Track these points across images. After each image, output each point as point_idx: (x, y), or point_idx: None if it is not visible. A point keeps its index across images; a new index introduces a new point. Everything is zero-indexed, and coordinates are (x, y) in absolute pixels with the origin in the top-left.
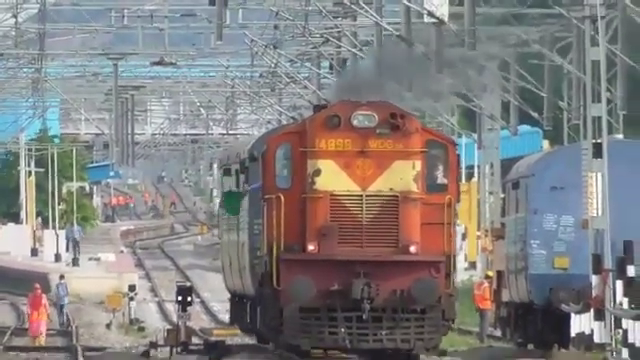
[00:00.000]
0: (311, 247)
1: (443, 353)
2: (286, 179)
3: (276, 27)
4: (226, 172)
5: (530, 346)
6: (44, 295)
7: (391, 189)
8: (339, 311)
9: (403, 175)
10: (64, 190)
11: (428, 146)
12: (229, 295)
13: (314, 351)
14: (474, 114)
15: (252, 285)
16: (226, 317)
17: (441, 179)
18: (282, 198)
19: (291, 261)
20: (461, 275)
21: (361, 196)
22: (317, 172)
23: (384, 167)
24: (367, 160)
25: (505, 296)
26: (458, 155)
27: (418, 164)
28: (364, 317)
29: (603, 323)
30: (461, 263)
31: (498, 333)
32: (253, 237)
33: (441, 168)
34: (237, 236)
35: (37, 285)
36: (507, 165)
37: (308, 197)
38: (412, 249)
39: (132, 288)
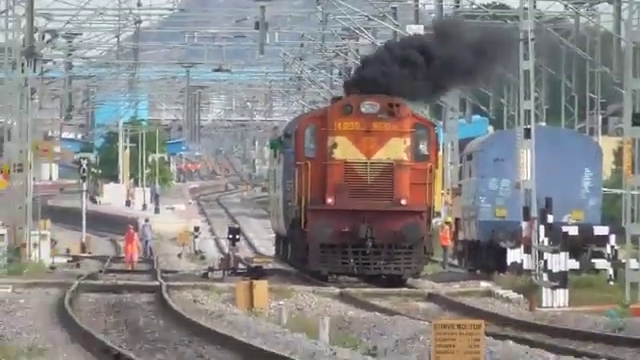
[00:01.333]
0: (329, 200)
1: (418, 276)
2: (312, 150)
3: (302, 45)
4: (273, 146)
5: (478, 272)
6: (135, 233)
7: (388, 158)
8: (349, 247)
9: (397, 148)
10: (150, 159)
11: (415, 127)
12: (270, 235)
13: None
14: (440, 107)
15: (285, 227)
16: (263, 250)
17: (424, 151)
18: (309, 164)
19: (315, 210)
20: None
21: (366, 163)
22: (334, 145)
23: (383, 142)
24: (371, 137)
25: (461, 236)
26: (437, 134)
27: (408, 140)
28: (367, 251)
29: (530, 255)
30: None
31: (456, 262)
32: (286, 193)
33: (425, 143)
34: (276, 192)
35: (130, 226)
36: (463, 143)
37: (328, 164)
38: (403, 202)
39: (196, 229)
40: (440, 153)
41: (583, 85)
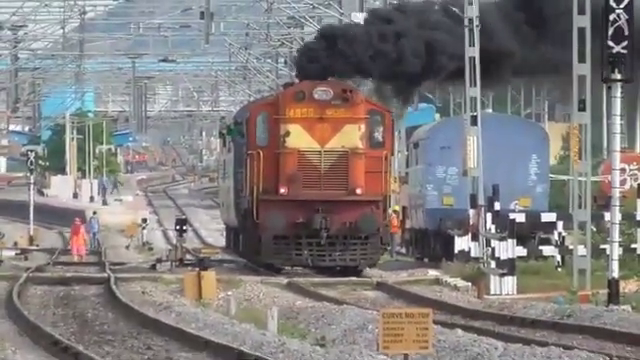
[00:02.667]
0: (282, 190)
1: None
2: (264, 139)
3: (247, 34)
4: (222, 134)
5: (426, 260)
6: (82, 225)
7: (343, 146)
8: (303, 238)
9: (351, 136)
10: (97, 151)
11: (370, 113)
12: (218, 225)
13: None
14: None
15: (236, 218)
16: (211, 241)
17: (380, 138)
18: (261, 153)
19: (267, 201)
20: None
21: (320, 152)
22: (287, 133)
23: (337, 130)
24: (325, 124)
25: (408, 224)
26: (392, 120)
27: (363, 127)
28: (322, 242)
29: (477, 243)
30: None
31: (404, 250)
32: (237, 182)
33: (380, 130)
34: (226, 182)
35: (77, 218)
36: (410, 131)
37: (280, 152)
38: (358, 191)
39: (144, 220)
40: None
41: None
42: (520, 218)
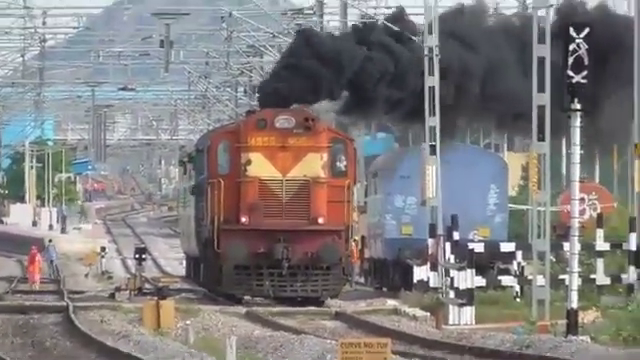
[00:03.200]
0: (244, 219)
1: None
2: (225, 167)
3: (207, 63)
4: (181, 163)
5: (384, 289)
6: (38, 253)
7: (304, 175)
8: (265, 268)
9: (313, 164)
10: (56, 179)
11: (333, 142)
12: (177, 254)
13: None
14: (345, 124)
15: (197, 247)
16: (170, 270)
17: (342, 167)
18: (222, 182)
19: (229, 230)
20: None
21: (282, 181)
22: (248, 162)
23: (299, 158)
24: (286, 153)
25: (367, 254)
26: (355, 149)
27: (325, 156)
28: (283, 273)
29: (436, 273)
30: None
31: (362, 280)
32: (198, 211)
33: (342, 159)
34: (186, 210)
35: (33, 247)
36: (369, 161)
37: (242, 181)
38: (320, 221)
39: (103, 249)
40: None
41: None
42: (479, 248)
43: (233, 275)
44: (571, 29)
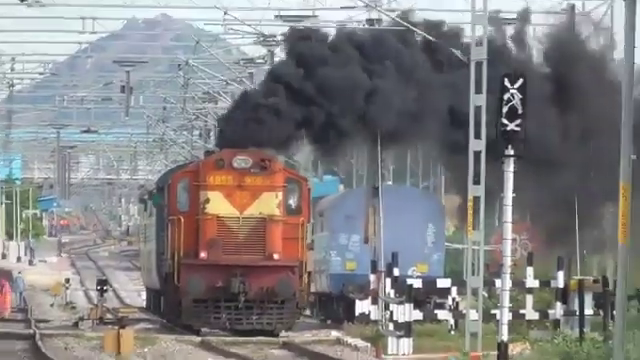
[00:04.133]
0: (202, 255)
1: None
2: (184, 205)
3: (164, 108)
4: (142, 200)
5: (329, 321)
6: (7, 284)
7: (260, 213)
8: (222, 301)
9: (269, 203)
10: (23, 215)
11: (287, 182)
12: (136, 286)
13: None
14: (294, 166)
15: (157, 281)
16: (129, 301)
17: (297, 206)
18: (182, 219)
19: (188, 265)
20: None
21: (239, 218)
22: (207, 200)
23: (255, 197)
24: (243, 192)
25: (313, 288)
26: (309, 189)
27: (280, 195)
28: (240, 306)
29: (377, 306)
30: None
31: (308, 312)
32: (159, 246)
33: (297, 197)
34: (147, 245)
35: (2, 278)
36: (316, 201)
37: (200, 218)
38: (275, 256)
39: (67, 280)
40: None
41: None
42: (417, 283)
43: (192, 308)
44: (505, 80)
